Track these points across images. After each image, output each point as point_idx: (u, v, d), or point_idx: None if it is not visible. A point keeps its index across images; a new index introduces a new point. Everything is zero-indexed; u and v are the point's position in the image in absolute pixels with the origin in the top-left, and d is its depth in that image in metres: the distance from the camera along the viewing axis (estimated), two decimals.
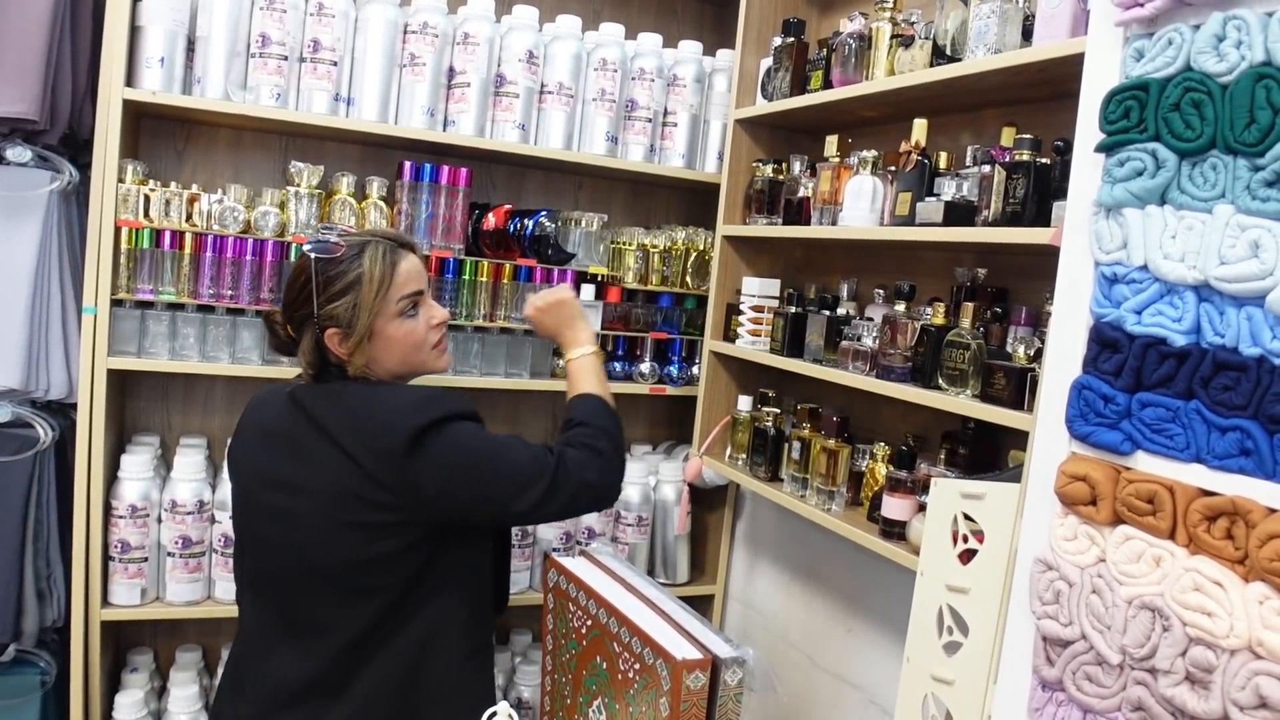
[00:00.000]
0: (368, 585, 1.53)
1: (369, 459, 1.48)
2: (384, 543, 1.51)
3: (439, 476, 1.49)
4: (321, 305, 1.55)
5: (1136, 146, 1.03)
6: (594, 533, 2.50)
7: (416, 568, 1.54)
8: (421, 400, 1.54)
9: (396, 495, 1.49)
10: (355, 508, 1.50)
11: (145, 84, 2.11)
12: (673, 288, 2.61)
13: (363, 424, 1.51)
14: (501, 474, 1.54)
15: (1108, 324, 1.07)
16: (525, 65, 2.36)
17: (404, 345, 1.62)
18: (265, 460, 1.60)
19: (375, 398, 1.56)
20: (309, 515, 1.53)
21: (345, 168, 2.39)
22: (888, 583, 2.10)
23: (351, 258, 1.56)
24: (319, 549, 1.52)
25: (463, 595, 1.61)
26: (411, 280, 1.62)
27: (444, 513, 1.52)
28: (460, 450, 1.52)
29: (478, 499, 1.53)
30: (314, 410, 1.55)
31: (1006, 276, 1.85)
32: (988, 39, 1.65)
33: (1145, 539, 1.01)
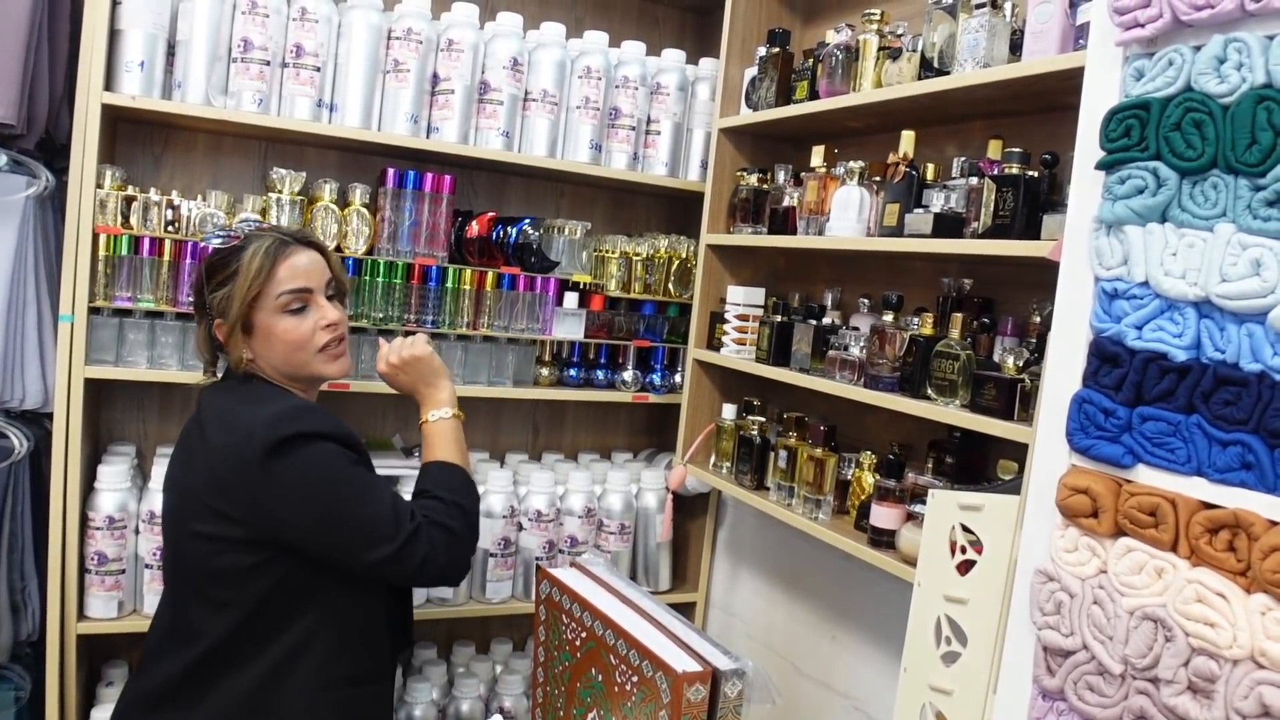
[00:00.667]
0: (221, 598, 1.48)
1: (224, 467, 1.45)
2: (230, 557, 1.46)
3: (285, 501, 1.43)
4: (208, 295, 1.56)
5: (1138, 164, 1.05)
6: (576, 540, 2.50)
7: (268, 589, 1.48)
8: (283, 413, 1.47)
9: (242, 510, 1.44)
10: (204, 515, 1.47)
11: (124, 88, 2.08)
12: (655, 296, 2.61)
13: (227, 429, 1.47)
14: (351, 519, 1.47)
15: (1108, 339, 1.08)
16: (509, 72, 2.35)
17: (284, 343, 1.58)
18: (171, 461, 1.63)
19: (249, 401, 1.52)
20: (177, 517, 1.53)
21: (327, 174, 2.37)
22: (871, 590, 2.11)
23: (233, 251, 1.57)
24: (183, 552, 1.52)
25: (330, 624, 1.54)
26: (297, 276, 1.59)
27: (286, 536, 1.46)
28: (315, 478, 1.45)
29: (321, 538, 1.47)
30: (202, 407, 1.56)
31: (992, 287, 1.87)
32: (976, 53, 1.67)
33: (1147, 551, 1.02)
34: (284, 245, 1.59)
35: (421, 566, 1.51)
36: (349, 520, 1.47)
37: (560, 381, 2.57)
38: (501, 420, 2.78)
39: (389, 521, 1.49)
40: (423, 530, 1.52)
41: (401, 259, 2.31)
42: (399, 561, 1.48)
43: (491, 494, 2.40)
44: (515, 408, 2.77)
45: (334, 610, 1.55)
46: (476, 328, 2.41)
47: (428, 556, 1.50)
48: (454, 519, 1.58)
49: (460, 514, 1.60)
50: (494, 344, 2.45)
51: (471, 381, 2.42)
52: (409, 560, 1.49)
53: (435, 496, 1.61)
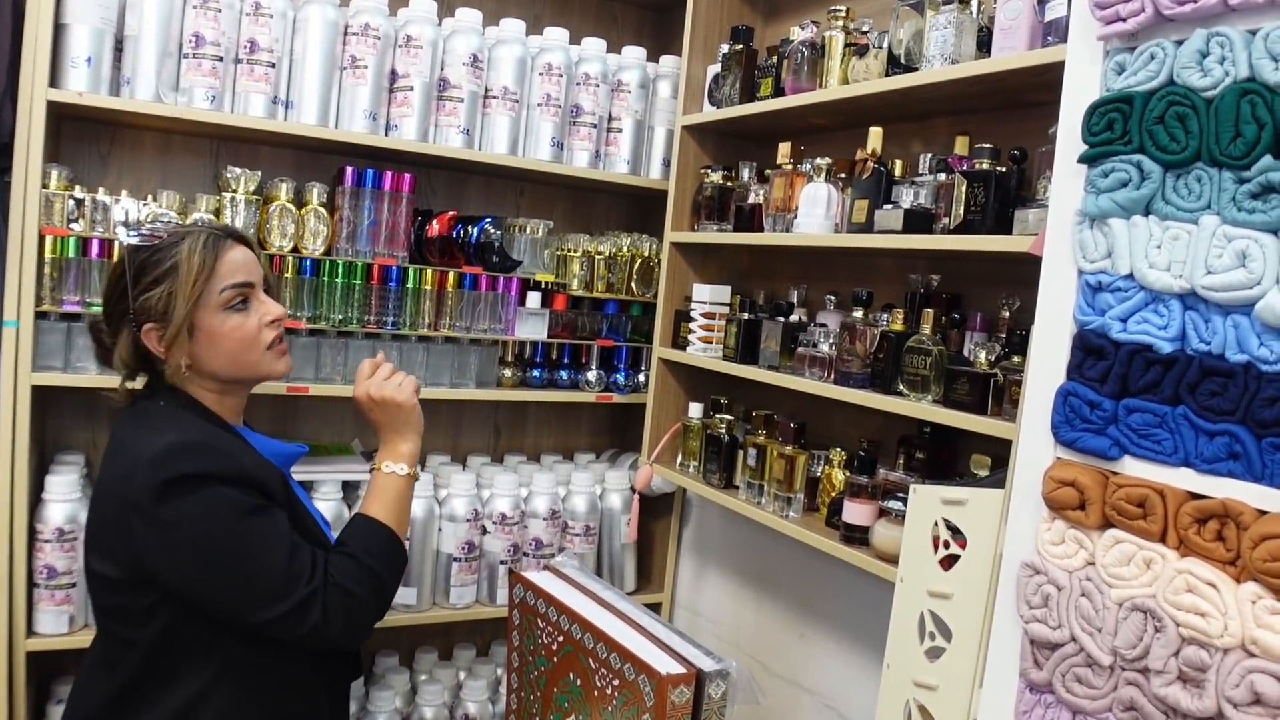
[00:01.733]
0: (121, 637, 1.39)
1: (107, 505, 1.36)
2: (122, 596, 1.36)
3: (164, 550, 1.32)
4: (136, 297, 1.41)
5: (1121, 158, 1.05)
6: (541, 543, 2.47)
7: (160, 632, 1.37)
8: (176, 449, 1.33)
9: (121, 553, 1.34)
10: (97, 551, 1.38)
11: (70, 84, 2.00)
12: (618, 294, 2.59)
13: (121, 463, 1.36)
14: (241, 574, 1.33)
15: (1092, 331, 1.09)
16: (469, 69, 2.32)
17: (231, 342, 1.46)
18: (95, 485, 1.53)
19: (144, 434, 1.38)
20: (85, 551, 1.45)
21: (280, 172, 2.31)
22: (840, 587, 2.11)
23: (169, 245, 1.43)
24: (90, 588, 1.45)
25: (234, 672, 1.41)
26: (238, 270, 1.48)
27: (172, 584, 1.34)
28: (195, 532, 1.32)
29: (211, 590, 1.34)
30: (114, 429, 1.45)
31: (959, 282, 1.88)
32: (945, 49, 1.68)
33: (1135, 542, 1.03)
34: (220, 239, 1.48)
35: (312, 633, 1.37)
36: (233, 577, 1.34)
37: (523, 382, 2.54)
38: (463, 422, 2.74)
39: (278, 581, 1.35)
40: (318, 595, 1.38)
41: (361, 259, 2.27)
42: (289, 624, 1.36)
43: (455, 497, 2.37)
44: (476, 409, 2.73)
45: (239, 657, 1.41)
46: (438, 328, 2.37)
47: (319, 625, 1.37)
48: (361, 584, 1.43)
49: (370, 580, 1.45)
50: (456, 345, 2.41)
51: (434, 383, 2.38)
52: (299, 625, 1.36)
53: (351, 555, 1.46)
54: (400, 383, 1.65)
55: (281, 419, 2.48)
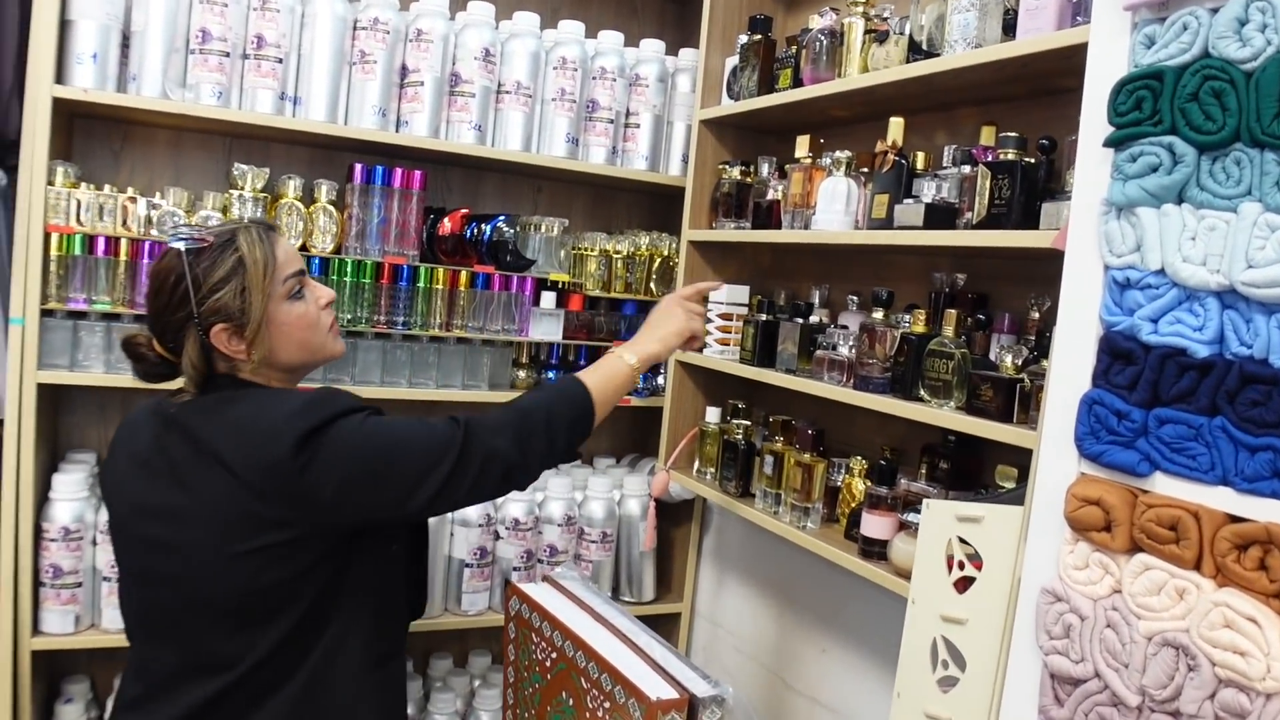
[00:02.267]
0: (267, 610, 1.40)
1: (257, 473, 1.35)
2: (282, 565, 1.38)
3: (334, 479, 1.36)
4: (202, 300, 1.40)
5: (1150, 140, 0.95)
6: (556, 550, 2.39)
7: (320, 586, 1.41)
8: (307, 403, 1.40)
9: (290, 509, 1.36)
10: (248, 530, 1.36)
11: (76, 81, 1.97)
12: (636, 295, 2.51)
13: (247, 436, 1.37)
14: (401, 464, 1.40)
15: (1120, 333, 0.98)
16: (481, 64, 2.25)
17: (299, 328, 1.49)
18: (140, 488, 1.46)
19: (259, 406, 1.42)
20: (196, 545, 1.38)
21: (291, 170, 2.26)
22: (865, 601, 2.01)
23: (223, 245, 1.43)
24: (211, 581, 1.38)
25: (368, 607, 1.48)
26: (292, 259, 1.50)
27: (344, 518, 1.39)
28: (353, 448, 1.38)
29: (379, 497, 1.39)
30: (192, 428, 1.41)
31: (986, 281, 1.77)
32: (968, 33, 1.58)
33: (1167, 569, 0.92)
34: (268, 231, 1.50)
35: (485, 463, 1.43)
36: (401, 468, 1.39)
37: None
38: None
39: (435, 443, 1.41)
40: (473, 424, 1.45)
41: (370, 258, 2.21)
42: (462, 467, 1.41)
43: None
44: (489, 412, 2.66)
45: (370, 595, 1.48)
46: (450, 329, 2.31)
47: (489, 448, 1.43)
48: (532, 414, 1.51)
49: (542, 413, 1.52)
50: (468, 346, 2.35)
51: (445, 385, 2.32)
52: (472, 460, 1.42)
53: (532, 399, 1.56)
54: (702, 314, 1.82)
55: None
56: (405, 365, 2.28)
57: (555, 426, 1.52)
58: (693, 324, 1.77)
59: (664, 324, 1.75)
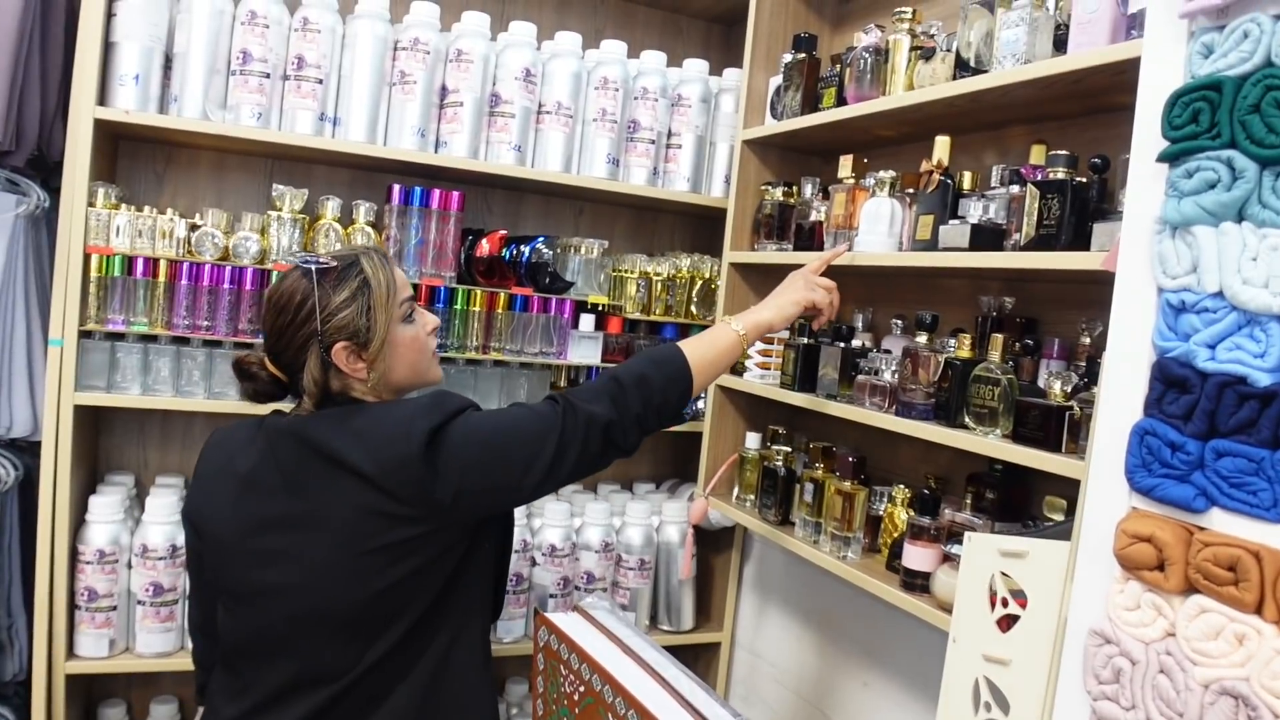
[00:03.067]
0: (389, 610, 1.43)
1: (385, 472, 1.39)
2: (409, 560, 1.41)
3: (456, 469, 1.40)
4: (327, 319, 1.45)
5: (1208, 155, 0.89)
6: (594, 577, 2.35)
7: (442, 581, 1.46)
8: (428, 403, 1.46)
9: (418, 505, 1.39)
10: (377, 529, 1.40)
11: (118, 102, 1.99)
12: (677, 318, 2.47)
13: (373, 438, 1.41)
14: (514, 448, 1.44)
15: (1174, 360, 0.92)
16: (522, 84, 2.24)
17: (412, 350, 1.54)
18: (249, 507, 1.47)
19: (379, 414, 1.46)
20: (318, 550, 1.41)
21: (332, 191, 2.27)
22: (909, 634, 1.94)
23: (347, 267, 1.49)
24: (331, 586, 1.41)
25: (475, 608, 1.53)
26: (406, 285, 1.56)
27: (467, 509, 1.43)
28: (472, 441, 1.43)
29: (498, 479, 1.44)
30: (312, 437, 1.44)
31: (1035, 305, 1.71)
32: (1016, 49, 1.52)
33: (1225, 613, 0.86)
34: (384, 257, 1.55)
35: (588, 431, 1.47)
36: (513, 453, 1.44)
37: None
38: None
39: (539, 424, 1.46)
40: (571, 394, 1.50)
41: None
42: (565, 443, 1.45)
43: None
44: None
45: (474, 592, 1.52)
46: (487, 351, 2.29)
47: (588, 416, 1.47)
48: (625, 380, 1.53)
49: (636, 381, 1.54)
50: (506, 369, 2.32)
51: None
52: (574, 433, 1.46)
53: (628, 366, 1.58)
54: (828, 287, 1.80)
55: None
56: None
57: (651, 386, 1.55)
58: (814, 295, 1.77)
59: (783, 293, 1.77)
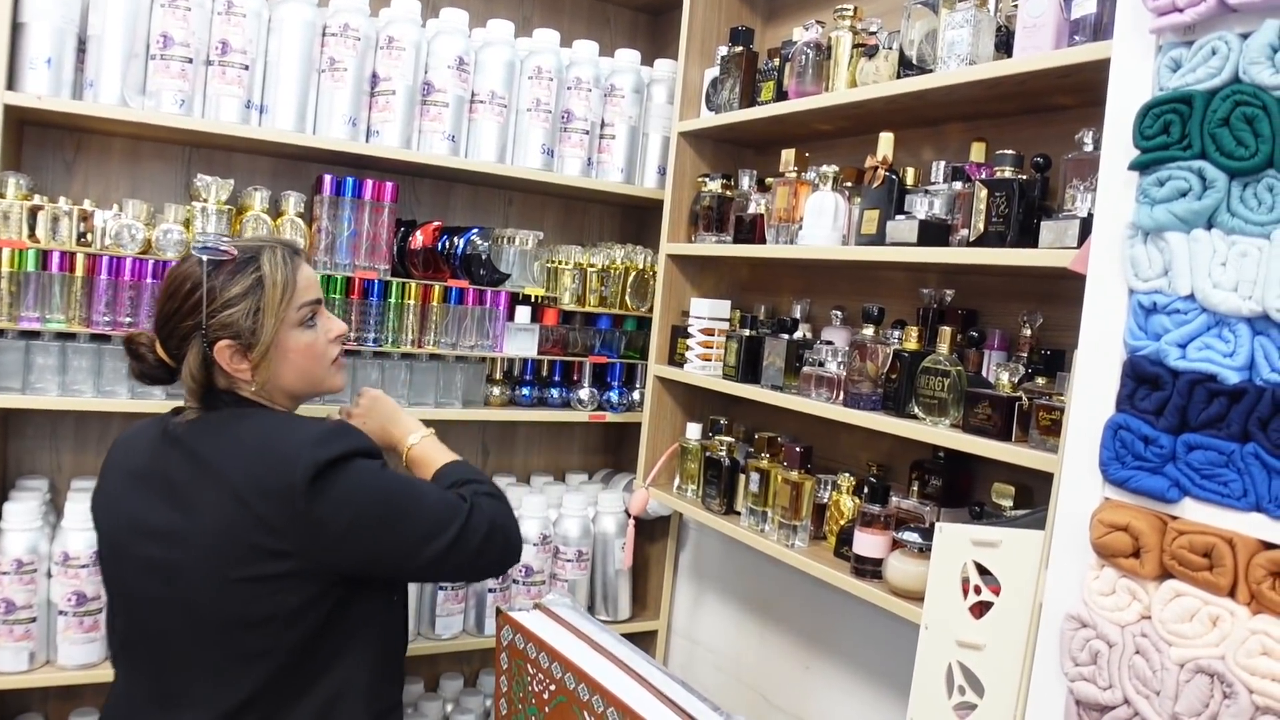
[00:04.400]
0: (257, 648, 1.34)
1: (262, 500, 1.31)
2: (278, 598, 1.33)
3: (344, 520, 1.33)
4: (213, 314, 1.38)
5: (1179, 164, 0.94)
6: (532, 570, 2.34)
7: (316, 626, 1.36)
8: (325, 433, 1.37)
9: (294, 541, 1.32)
10: (246, 558, 1.31)
11: (29, 87, 1.88)
12: (611, 309, 2.48)
13: (257, 459, 1.34)
14: (412, 519, 1.39)
15: (1145, 358, 0.97)
16: (455, 72, 2.20)
17: (305, 358, 1.47)
18: (136, 506, 1.41)
19: (269, 429, 1.38)
20: (191, 568, 1.33)
21: (254, 181, 2.19)
22: (849, 618, 2.00)
23: (245, 261, 1.42)
24: (203, 607, 1.33)
25: (368, 655, 1.44)
26: (311, 287, 1.49)
27: (346, 562, 1.36)
28: (368, 492, 1.36)
29: (386, 547, 1.37)
30: (197, 446, 1.37)
31: (975, 298, 1.77)
32: (961, 49, 1.57)
33: (1200, 596, 0.91)
34: (293, 255, 1.48)
35: (490, 534, 1.43)
36: (411, 522, 1.38)
37: (512, 401, 2.42)
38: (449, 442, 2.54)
39: (445, 507, 1.42)
40: (478, 504, 1.46)
41: (340, 272, 2.14)
42: (466, 535, 1.41)
43: None
44: (463, 429, 2.61)
45: (372, 641, 1.45)
46: (422, 345, 2.25)
47: (491, 527, 1.44)
48: (494, 491, 1.53)
49: (498, 492, 1.55)
50: (441, 362, 2.29)
51: (417, 403, 2.25)
52: (477, 531, 1.42)
53: (465, 481, 1.54)
54: (362, 391, 1.78)
55: None
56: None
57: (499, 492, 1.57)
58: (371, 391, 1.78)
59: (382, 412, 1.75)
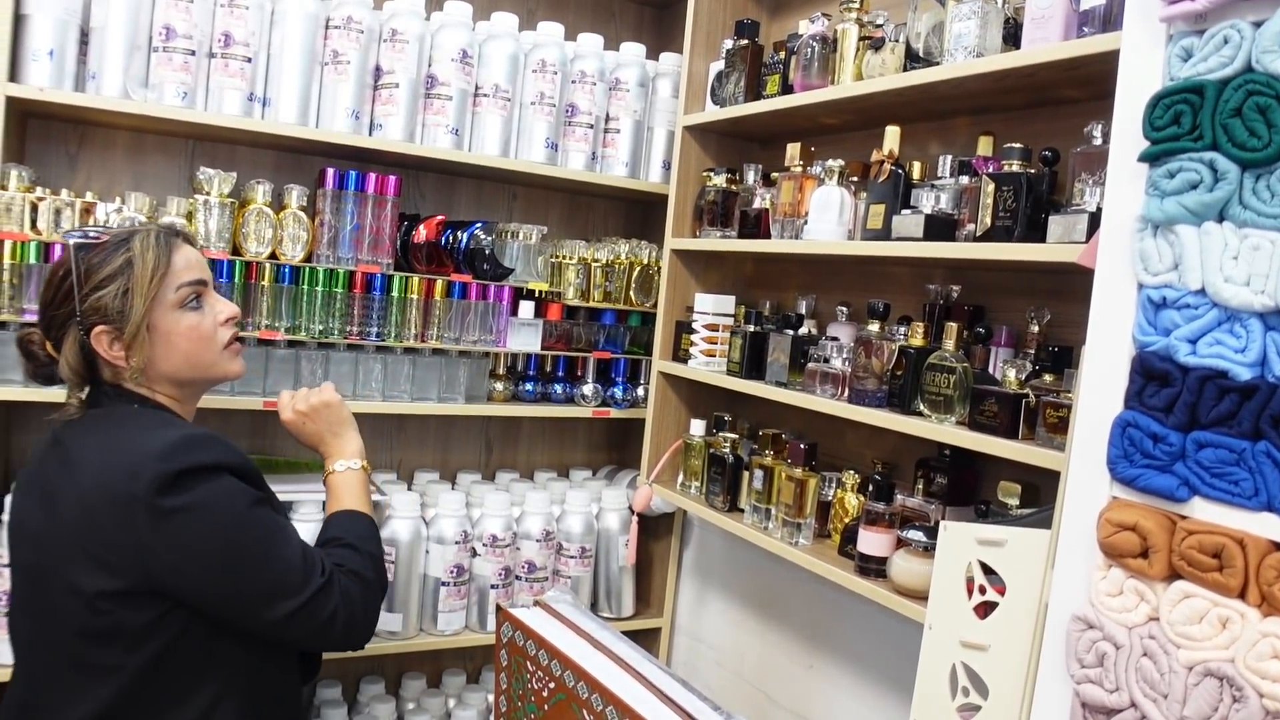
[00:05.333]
0: (105, 663, 1.27)
1: (102, 509, 1.25)
2: (114, 615, 1.26)
3: (179, 547, 1.25)
4: (85, 298, 1.34)
5: (1190, 156, 0.92)
6: (535, 566, 2.33)
7: (160, 650, 1.29)
8: (174, 444, 1.28)
9: (126, 559, 1.25)
10: (81, 569, 1.26)
11: (31, 79, 1.88)
12: (616, 304, 2.46)
13: (106, 466, 1.27)
14: (255, 569, 1.31)
15: (1155, 354, 0.95)
16: (458, 65, 2.19)
17: (188, 341, 1.41)
18: (19, 509, 1.40)
19: (129, 434, 1.31)
20: (50, 574, 1.30)
21: (257, 174, 2.18)
22: (853, 617, 1.98)
23: (118, 244, 1.38)
24: (55, 614, 1.29)
25: (237, 686, 1.36)
26: (192, 268, 1.43)
27: (176, 592, 1.28)
28: (212, 522, 1.28)
29: (219, 591, 1.29)
30: (69, 446, 1.33)
31: (981, 293, 1.75)
32: (968, 42, 1.55)
33: (1209, 597, 0.90)
34: (171, 236, 1.43)
35: (329, 622, 1.36)
36: (250, 570, 1.31)
37: (515, 396, 2.41)
38: (452, 438, 2.60)
39: (298, 571, 1.34)
40: (335, 581, 1.38)
41: (343, 266, 2.13)
42: (305, 617, 1.34)
43: (443, 518, 2.23)
44: (466, 424, 2.60)
45: (241, 670, 1.37)
46: (425, 340, 2.24)
47: (337, 611, 1.37)
48: (368, 568, 1.47)
49: (374, 564, 1.50)
50: (444, 357, 2.28)
51: (420, 398, 2.24)
52: (317, 614, 1.35)
53: (348, 544, 1.48)
54: (318, 389, 1.69)
55: (258, 434, 2.34)
56: (379, 378, 2.20)
57: (384, 576, 1.54)
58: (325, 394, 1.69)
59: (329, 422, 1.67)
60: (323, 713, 2.28)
